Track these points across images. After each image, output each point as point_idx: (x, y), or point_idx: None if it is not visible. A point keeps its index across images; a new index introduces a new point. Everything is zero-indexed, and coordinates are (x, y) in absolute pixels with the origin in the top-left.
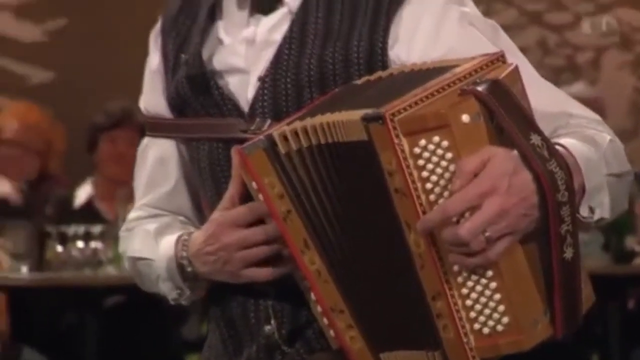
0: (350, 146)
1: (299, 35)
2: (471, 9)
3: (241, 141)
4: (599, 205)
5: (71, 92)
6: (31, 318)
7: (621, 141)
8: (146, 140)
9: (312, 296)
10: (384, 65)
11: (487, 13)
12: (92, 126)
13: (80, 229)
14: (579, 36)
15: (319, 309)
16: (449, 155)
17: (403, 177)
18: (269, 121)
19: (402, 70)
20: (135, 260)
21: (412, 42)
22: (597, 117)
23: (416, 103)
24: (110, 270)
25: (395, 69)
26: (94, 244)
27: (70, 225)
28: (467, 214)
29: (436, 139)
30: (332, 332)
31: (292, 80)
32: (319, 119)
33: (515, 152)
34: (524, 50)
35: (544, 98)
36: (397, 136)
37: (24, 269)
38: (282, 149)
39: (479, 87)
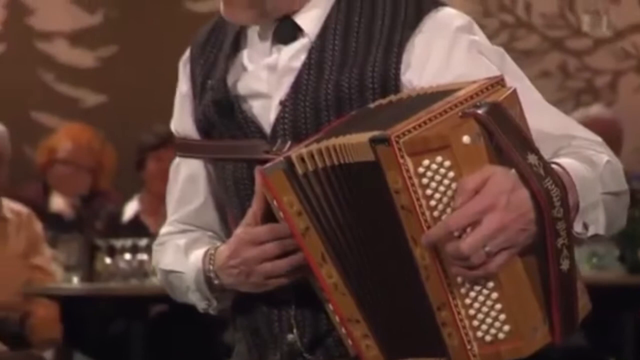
0: (360, 166)
1: (317, 62)
2: (480, 37)
3: (264, 162)
4: (594, 222)
5: (121, 114)
6: (82, 325)
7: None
8: (177, 160)
9: (330, 307)
10: (397, 89)
11: (511, 39)
12: (140, 146)
13: (128, 242)
14: (598, 61)
15: (337, 318)
16: (451, 174)
17: (408, 195)
18: (289, 143)
19: (410, 95)
20: (167, 272)
21: (423, 68)
22: (598, 139)
23: (420, 125)
24: (155, 281)
25: (405, 93)
26: (140, 256)
27: (118, 239)
28: (468, 229)
29: (439, 159)
30: (349, 341)
31: (310, 104)
32: (333, 141)
33: (513, 170)
34: (546, 74)
35: (548, 121)
36: (402, 157)
37: (76, 280)
38: (299, 170)
39: (479, 110)
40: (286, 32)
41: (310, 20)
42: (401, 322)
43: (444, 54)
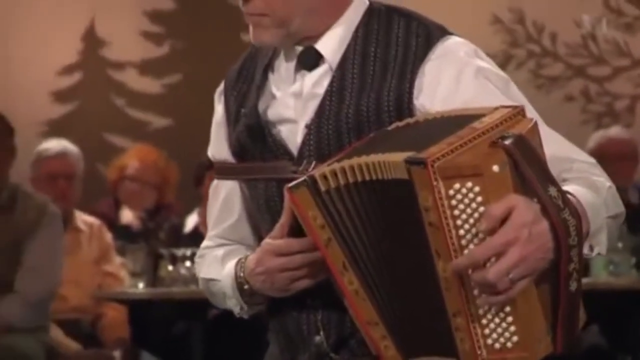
0: (389, 183)
1: (338, 89)
2: (487, 63)
3: (291, 180)
4: (598, 244)
5: (184, 136)
6: (148, 326)
7: None
8: (215, 182)
9: (352, 311)
10: (411, 112)
11: (538, 67)
12: (200, 165)
13: (188, 251)
14: (617, 87)
15: (358, 321)
16: (479, 199)
17: (437, 214)
18: (313, 163)
19: (426, 118)
20: (207, 281)
21: (434, 93)
22: (593, 160)
23: (452, 151)
24: None
25: (420, 116)
26: None
27: (180, 248)
28: (492, 258)
29: (469, 184)
30: (370, 342)
31: (333, 127)
32: (356, 160)
33: (535, 203)
34: (570, 98)
35: (551, 145)
36: (436, 179)
37: (141, 285)
38: (322, 187)
39: (506, 141)
40: (309, 58)
41: (330, 47)
42: (417, 325)
43: (452, 80)
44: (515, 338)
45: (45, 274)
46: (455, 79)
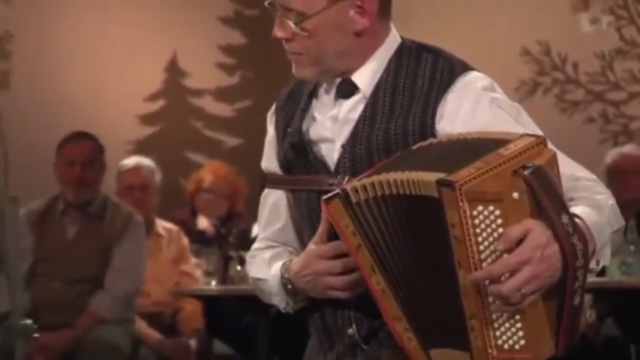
0: (417, 198)
1: (370, 115)
2: (500, 94)
3: (328, 192)
4: (603, 257)
5: (252, 153)
6: (220, 319)
7: None
8: (266, 191)
9: (380, 307)
10: (433, 135)
11: (562, 92)
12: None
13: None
14: (632, 109)
15: (385, 315)
16: (499, 221)
17: (461, 230)
18: (347, 177)
19: (449, 139)
20: (256, 280)
21: (454, 119)
22: (594, 176)
23: (478, 176)
24: None
25: (443, 137)
26: None
27: (247, 251)
28: (507, 274)
29: (491, 208)
30: (395, 334)
31: (365, 147)
32: (384, 176)
33: (548, 229)
34: (590, 120)
35: (567, 173)
36: (462, 201)
37: (213, 283)
38: (353, 199)
39: (527, 171)
40: (346, 89)
41: (364, 79)
42: (435, 321)
43: (470, 108)
44: (522, 342)
45: (131, 273)
46: (473, 107)
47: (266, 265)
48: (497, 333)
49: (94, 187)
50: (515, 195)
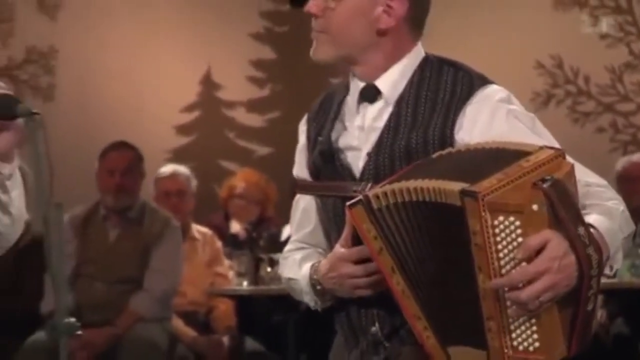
0: (439, 205)
1: (394, 125)
2: (516, 106)
3: (352, 198)
4: (616, 262)
5: (282, 161)
6: (251, 317)
7: None
8: (297, 196)
9: (401, 306)
10: (452, 145)
11: (574, 104)
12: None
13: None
14: None
15: (405, 315)
16: (519, 231)
17: (482, 238)
18: (370, 184)
19: (468, 148)
20: (288, 279)
21: (472, 129)
22: (604, 182)
23: (500, 187)
24: None
25: (462, 146)
26: None
27: (277, 253)
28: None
29: (512, 219)
30: (415, 332)
31: (388, 156)
32: (405, 184)
33: (565, 240)
34: (601, 129)
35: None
36: (484, 211)
37: (245, 283)
38: (375, 205)
39: (546, 184)
40: (369, 93)
41: (387, 86)
42: (455, 321)
43: (488, 119)
44: (537, 344)
45: (168, 274)
46: (490, 118)
47: (297, 266)
48: (513, 335)
49: (133, 193)
50: (535, 207)
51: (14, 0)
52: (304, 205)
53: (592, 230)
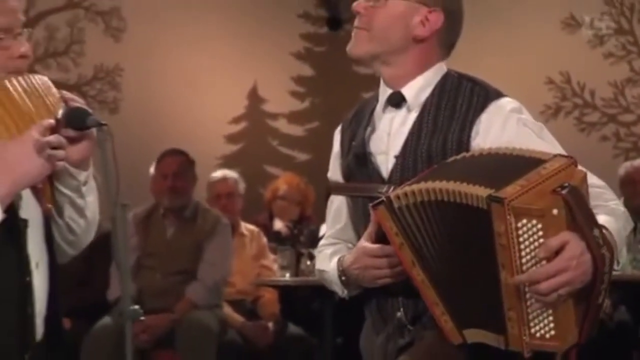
0: (462, 206)
1: (417, 132)
2: (526, 115)
3: (377, 198)
4: (622, 257)
5: (319, 167)
6: (292, 305)
7: None
8: (331, 197)
9: (422, 295)
10: (467, 150)
11: (581, 115)
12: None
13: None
14: None
15: (426, 302)
16: (540, 233)
17: (507, 239)
18: (392, 187)
19: (481, 153)
20: (321, 271)
21: (486, 135)
22: (603, 183)
23: (523, 193)
24: None
25: (476, 150)
26: None
27: (315, 248)
28: None
29: (534, 222)
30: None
31: (412, 159)
32: (423, 185)
33: (582, 240)
34: (605, 138)
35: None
36: (509, 214)
37: (287, 275)
38: (395, 204)
39: (564, 191)
40: (396, 99)
41: (412, 94)
42: (468, 306)
43: (500, 126)
44: (552, 332)
45: (219, 267)
46: (502, 125)
47: (328, 259)
48: (532, 324)
49: (186, 194)
50: (555, 211)
51: (84, 25)
52: (337, 204)
53: (604, 231)
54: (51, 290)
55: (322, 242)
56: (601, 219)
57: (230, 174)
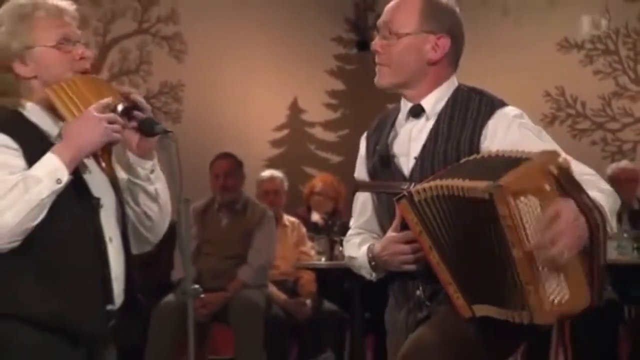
0: (469, 199)
1: (434, 136)
2: (527, 121)
3: (400, 193)
4: (611, 225)
5: (350, 167)
6: (327, 285)
7: None
8: (357, 193)
9: (437, 275)
10: (478, 151)
11: (573, 123)
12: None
13: None
14: (625, 135)
15: (441, 282)
16: (538, 208)
17: (511, 219)
18: (413, 184)
19: (483, 156)
20: (350, 257)
21: (493, 138)
22: (595, 173)
23: (517, 178)
24: None
25: (485, 152)
26: None
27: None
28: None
29: (531, 197)
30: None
31: (429, 160)
32: (439, 182)
33: (575, 207)
34: (594, 143)
35: (579, 171)
36: (509, 197)
37: (323, 259)
38: (416, 198)
39: (552, 169)
40: (416, 110)
41: (429, 105)
42: (477, 284)
43: (505, 130)
44: (567, 297)
45: (265, 252)
46: (506, 129)
47: (356, 247)
48: (548, 292)
49: (235, 191)
50: (547, 187)
51: (151, 49)
52: (362, 200)
53: (594, 200)
54: (126, 265)
55: (349, 232)
56: (591, 194)
57: (277, 173)
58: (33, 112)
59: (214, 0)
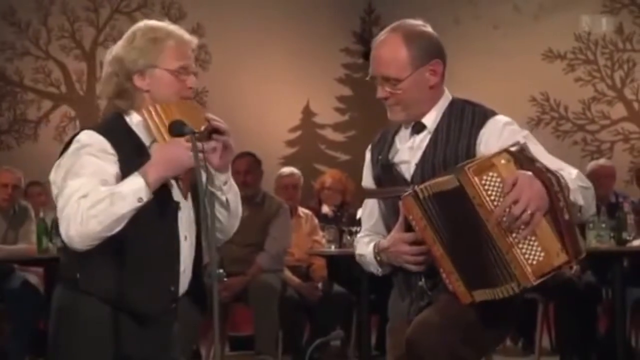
0: (450, 191)
1: (433, 145)
2: (516, 127)
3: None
4: (577, 200)
5: (357, 165)
6: (337, 270)
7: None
8: (365, 200)
9: (440, 267)
10: (474, 156)
11: (557, 125)
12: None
13: (359, 228)
14: (603, 136)
15: (442, 272)
16: (498, 179)
17: (479, 198)
18: (415, 186)
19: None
20: (360, 255)
21: (487, 144)
22: (577, 170)
23: (476, 161)
24: None
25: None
26: None
27: (354, 227)
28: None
29: (491, 174)
30: (449, 284)
31: (429, 166)
32: (434, 181)
33: (530, 173)
34: (575, 143)
35: (549, 162)
36: (472, 177)
37: (333, 247)
38: (420, 195)
39: (512, 148)
40: (419, 127)
41: (430, 121)
42: (475, 271)
43: (497, 136)
44: (542, 254)
45: (281, 240)
46: (499, 135)
47: (365, 246)
48: (526, 256)
49: (254, 186)
50: (503, 161)
51: None
52: (370, 206)
53: (546, 166)
54: (196, 257)
55: (359, 234)
56: (554, 166)
57: (295, 170)
58: (135, 120)
59: (236, 15)
